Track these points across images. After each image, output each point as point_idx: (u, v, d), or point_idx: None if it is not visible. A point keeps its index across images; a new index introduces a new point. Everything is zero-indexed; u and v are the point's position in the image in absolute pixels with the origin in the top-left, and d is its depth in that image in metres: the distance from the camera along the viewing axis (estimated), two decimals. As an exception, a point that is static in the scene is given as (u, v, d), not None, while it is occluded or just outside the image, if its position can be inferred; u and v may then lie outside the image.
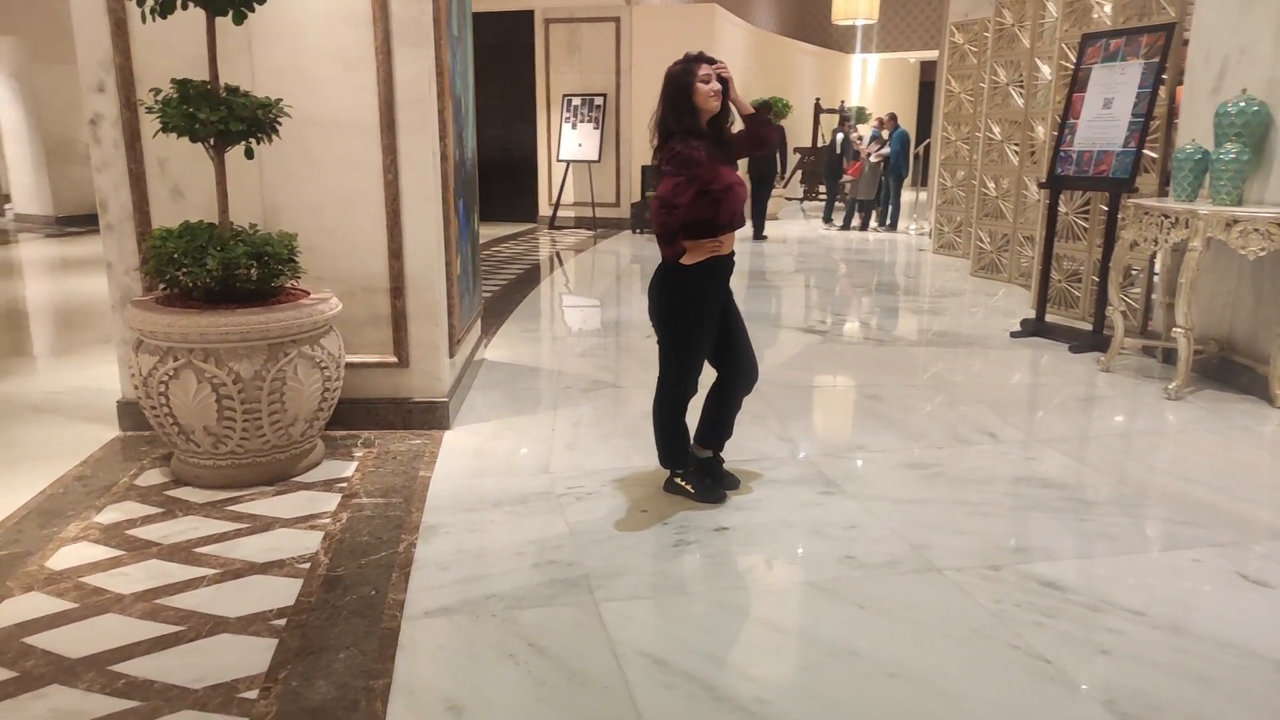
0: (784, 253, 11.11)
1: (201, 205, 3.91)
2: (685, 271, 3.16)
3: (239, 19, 3.29)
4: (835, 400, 4.78)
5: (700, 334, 3.24)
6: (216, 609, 2.58)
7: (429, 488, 3.50)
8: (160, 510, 3.26)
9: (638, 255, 10.76)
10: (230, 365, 3.30)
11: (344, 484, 3.52)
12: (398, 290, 4.02)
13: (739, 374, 3.39)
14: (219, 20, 3.71)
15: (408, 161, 3.92)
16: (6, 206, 13.90)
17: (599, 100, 12.34)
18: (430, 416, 4.14)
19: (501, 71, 13.25)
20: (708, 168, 3.06)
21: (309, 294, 3.66)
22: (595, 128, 12.29)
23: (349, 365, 4.04)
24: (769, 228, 12.54)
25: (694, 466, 3.46)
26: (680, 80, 3.08)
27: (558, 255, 10.78)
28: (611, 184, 12.67)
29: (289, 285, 3.69)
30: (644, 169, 12.48)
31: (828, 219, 14.03)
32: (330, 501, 3.35)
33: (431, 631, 2.50)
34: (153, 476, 3.57)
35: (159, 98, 3.29)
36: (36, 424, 4.28)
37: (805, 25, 20.39)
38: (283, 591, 2.69)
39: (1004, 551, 3.02)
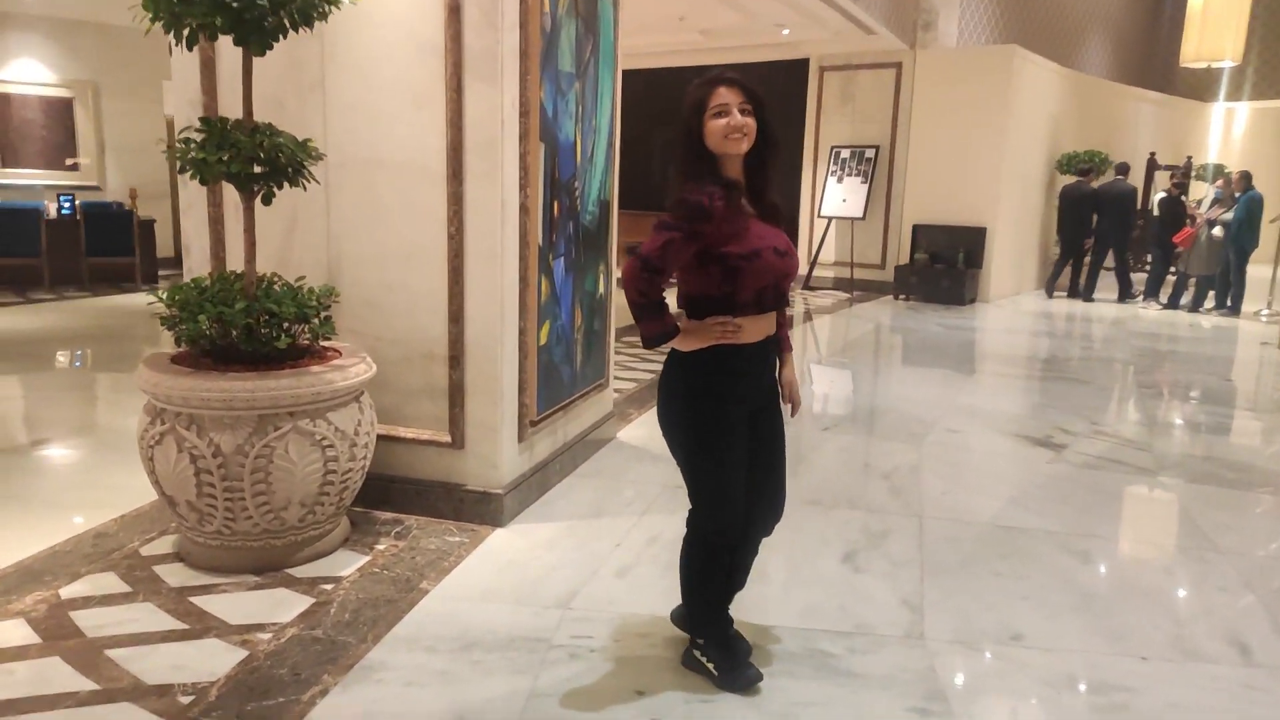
0: (1073, 332, 9.30)
1: (272, 254, 3.63)
2: (690, 365, 2.29)
3: (259, 50, 2.92)
4: (1017, 553, 3.44)
5: (719, 454, 2.32)
6: (40, 746, 2.12)
7: (414, 608, 2.85)
8: (127, 590, 2.92)
9: (896, 324, 9.54)
10: (211, 436, 2.90)
11: (330, 585, 2.98)
12: (455, 359, 3.46)
13: (754, 509, 2.42)
14: (296, 57, 3.46)
15: (474, 212, 3.37)
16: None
17: (870, 153, 11.25)
18: (483, 509, 3.51)
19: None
20: (722, 224, 2.17)
21: (339, 356, 3.21)
22: (863, 182, 11.21)
23: (402, 440, 3.56)
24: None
25: (724, 633, 2.52)
26: (689, 113, 2.21)
27: (806, 316, 9.84)
28: (877, 244, 11.49)
29: (321, 346, 3.28)
30: (915, 228, 11.19)
31: (1150, 295, 11.72)
32: (295, 608, 2.82)
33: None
34: (163, 545, 3.26)
35: (180, 136, 3.01)
36: (130, 465, 4.23)
37: (1148, 69, 17.67)
38: (126, 736, 2.17)
39: None
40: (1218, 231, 10.57)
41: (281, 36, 2.96)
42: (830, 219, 11.48)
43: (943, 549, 3.44)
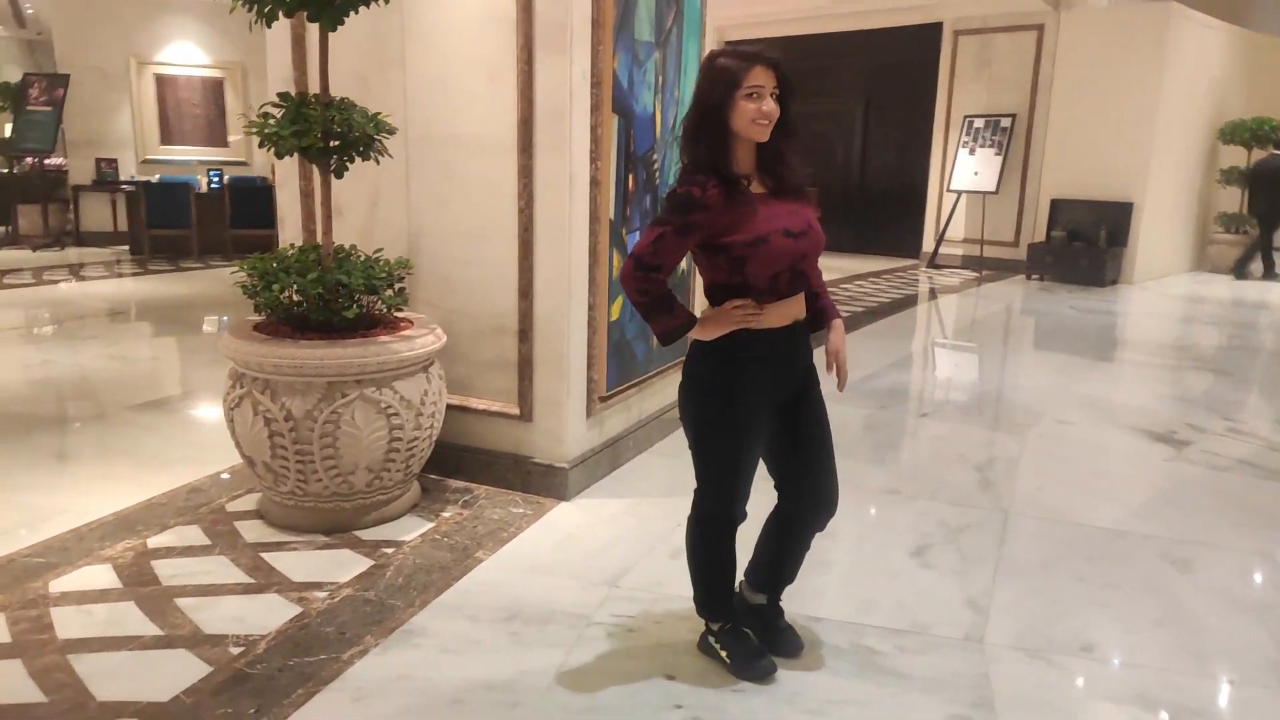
0: (1228, 317, 8.54)
1: (358, 226, 3.75)
2: (711, 353, 2.20)
3: (330, 25, 2.99)
4: (1108, 557, 3.16)
5: (729, 442, 2.24)
6: (100, 685, 2.27)
7: (465, 576, 2.90)
8: (207, 543, 3.10)
9: (1024, 306, 9.04)
10: (283, 400, 3.02)
11: (391, 549, 3.07)
12: (524, 333, 3.48)
13: (802, 502, 2.34)
14: (379, 32, 3.54)
15: (543, 186, 3.37)
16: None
17: (1006, 122, 10.63)
18: (549, 482, 3.53)
19: (900, 92, 12.11)
20: (720, 214, 2.07)
21: (411, 327, 3.28)
22: (997, 153, 10.61)
23: (474, 411, 3.62)
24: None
25: (737, 620, 2.45)
26: (714, 87, 2.06)
27: (931, 295, 9.45)
28: (1010, 219, 10.86)
29: (396, 317, 3.36)
30: (1054, 203, 10.52)
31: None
32: (354, 569, 2.92)
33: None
34: (248, 503, 3.44)
35: (259, 111, 3.12)
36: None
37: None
38: (175, 680, 2.29)
39: None
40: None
41: (353, 11, 3.02)
42: (960, 193, 10.94)
43: (1024, 548, 3.23)
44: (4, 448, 4.00)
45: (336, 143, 3.08)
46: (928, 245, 11.49)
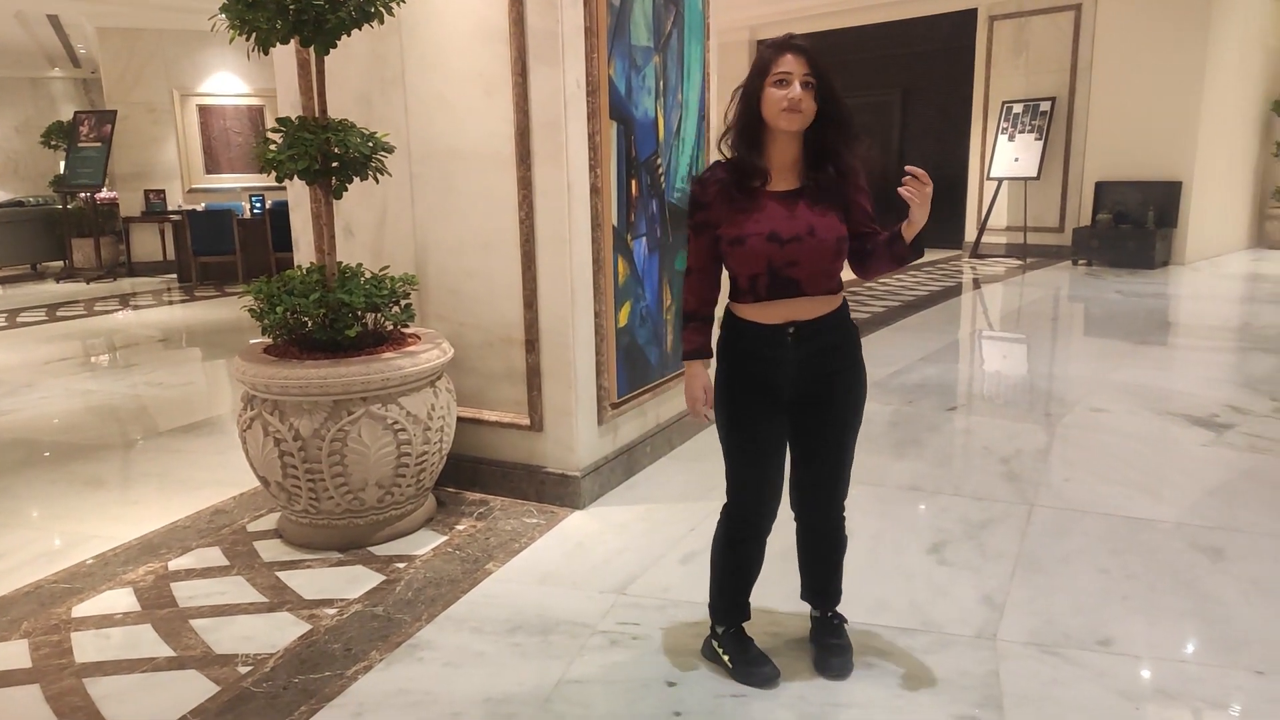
0: (1273, 296, 8.22)
1: (368, 244, 3.81)
2: (720, 351, 2.28)
3: (323, 50, 3.05)
4: (1134, 548, 3.04)
5: (728, 432, 2.27)
6: (111, 708, 2.32)
7: (474, 588, 2.91)
8: (225, 564, 3.16)
9: (1068, 292, 8.81)
10: (291, 420, 3.07)
11: (403, 564, 3.10)
12: (531, 344, 3.49)
13: (797, 512, 2.36)
14: (379, 53, 3.59)
15: (542, 197, 3.37)
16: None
17: (1045, 106, 10.38)
18: (562, 491, 3.54)
19: (937, 81, 11.90)
20: (719, 207, 2.12)
21: (418, 342, 3.31)
22: (1037, 138, 10.36)
23: (487, 423, 3.64)
24: None
25: (738, 624, 2.44)
26: (750, 76, 2.09)
27: (975, 284, 9.27)
28: (1054, 205, 10.60)
29: (403, 333, 3.40)
30: (1099, 186, 10.23)
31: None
32: (365, 585, 2.95)
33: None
34: (268, 522, 3.50)
35: (262, 136, 3.18)
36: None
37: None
38: (183, 701, 2.33)
39: None
40: None
41: (345, 34, 3.07)
42: (1001, 180, 10.71)
43: (1046, 542, 3.13)
44: (43, 476, 4.14)
45: (336, 164, 3.13)
46: (970, 235, 11.27)
